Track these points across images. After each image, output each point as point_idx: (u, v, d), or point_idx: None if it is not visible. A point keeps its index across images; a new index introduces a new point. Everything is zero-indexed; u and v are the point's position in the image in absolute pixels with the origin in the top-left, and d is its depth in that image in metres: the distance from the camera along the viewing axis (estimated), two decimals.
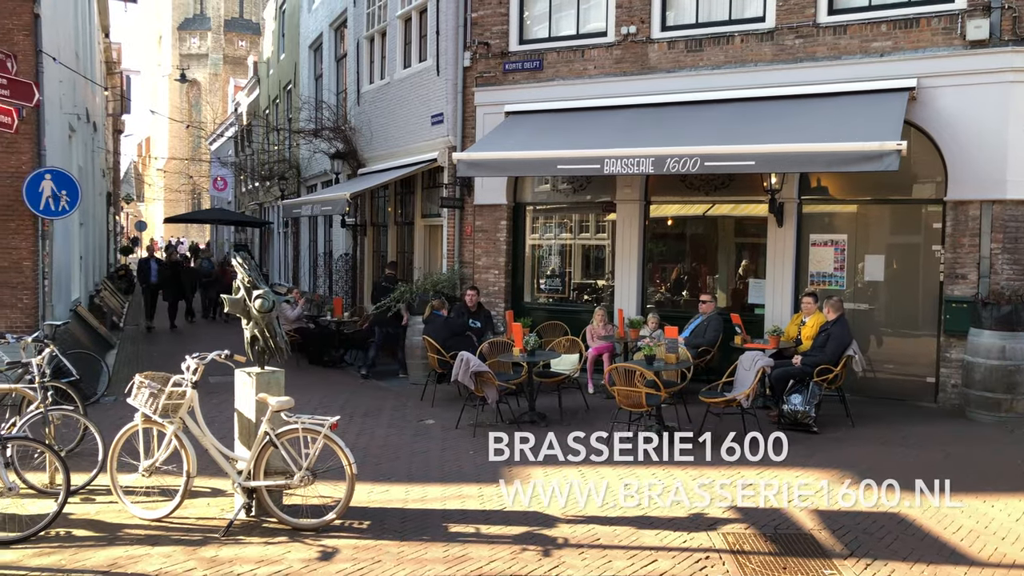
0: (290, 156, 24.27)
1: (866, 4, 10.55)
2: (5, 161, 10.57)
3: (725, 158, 9.63)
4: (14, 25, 10.48)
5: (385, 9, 16.33)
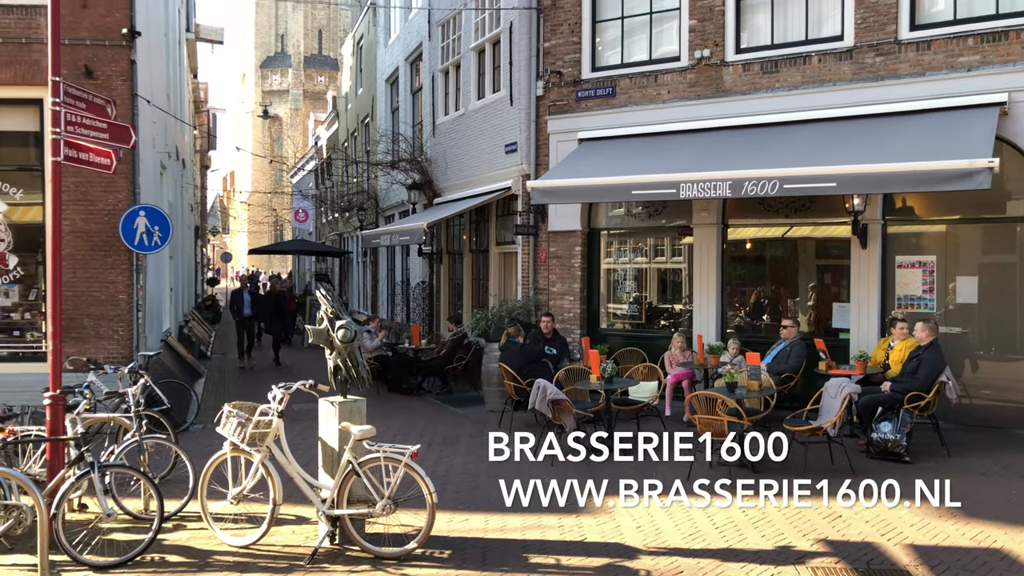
0: (368, 187, 24.84)
1: (951, 19, 10.24)
2: (103, 200, 11.15)
3: (805, 180, 9.43)
4: (112, 72, 11.12)
5: (459, 42, 16.65)
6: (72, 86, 7.25)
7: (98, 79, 10.98)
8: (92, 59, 11.06)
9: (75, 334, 10.94)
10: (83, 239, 11.10)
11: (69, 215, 10.63)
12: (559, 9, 13.30)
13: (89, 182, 10.87)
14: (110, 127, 7.43)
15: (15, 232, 11.30)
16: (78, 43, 10.85)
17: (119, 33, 11.08)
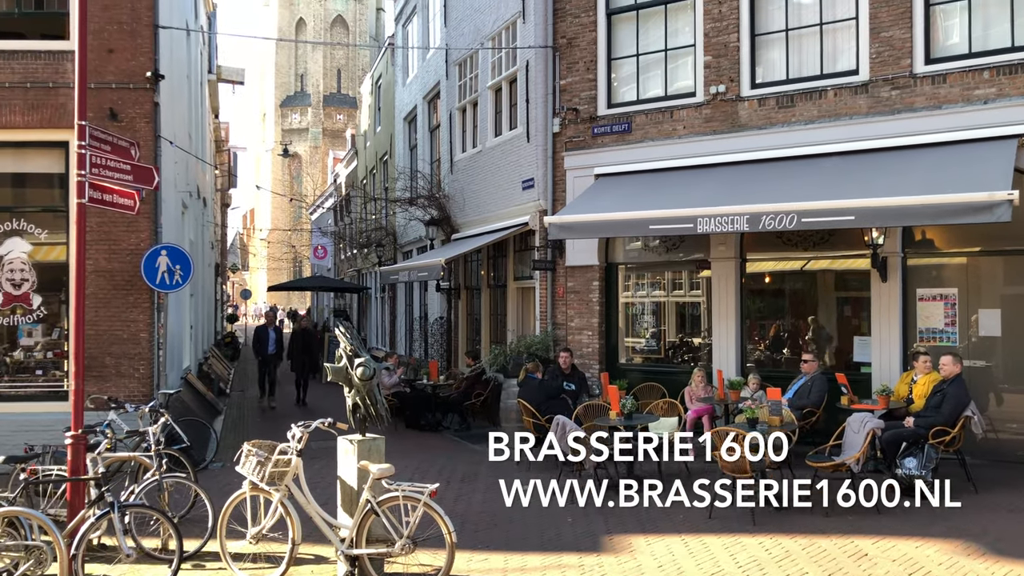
0: (387, 224, 25.03)
1: (966, 52, 10.25)
2: (126, 239, 11.31)
3: (823, 213, 9.41)
4: (136, 114, 11.34)
5: (476, 80, 16.86)
6: (97, 129, 7.40)
7: (122, 121, 11.20)
8: (117, 102, 11.29)
9: (97, 372, 11.03)
10: (106, 278, 11.24)
11: (92, 255, 10.79)
12: (575, 47, 13.46)
13: (112, 222, 11.04)
14: (134, 169, 7.56)
15: (39, 271, 11.47)
16: (104, 87, 11.09)
17: (143, 76, 11.32)
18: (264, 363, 18.17)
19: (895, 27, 10.60)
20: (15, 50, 11.19)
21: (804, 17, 11.54)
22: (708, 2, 12.11)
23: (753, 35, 11.85)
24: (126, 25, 11.31)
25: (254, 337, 18.77)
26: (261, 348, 18.29)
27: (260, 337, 18.50)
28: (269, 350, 18.21)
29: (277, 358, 18.52)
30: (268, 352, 18.21)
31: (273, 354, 18.28)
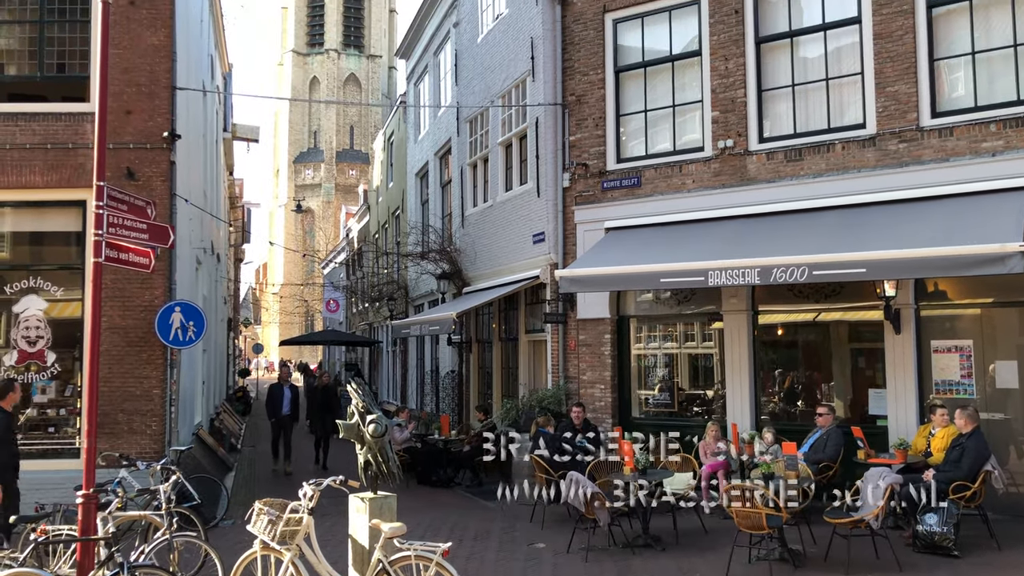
0: (398, 277, 25.16)
1: (972, 106, 10.36)
2: (140, 296, 11.40)
3: (834, 266, 9.41)
4: (153, 173, 11.54)
5: (487, 136, 17.10)
6: (115, 189, 7.53)
7: (139, 180, 11.39)
8: (134, 161, 11.50)
9: (109, 429, 11.02)
10: (120, 335, 11.30)
11: (107, 311, 10.86)
12: (584, 104, 13.67)
13: (127, 279, 11.14)
14: (150, 228, 7.67)
15: (53, 328, 11.55)
16: (121, 147, 11.31)
17: (160, 136, 11.54)
18: (279, 425, 16.60)
19: (900, 82, 10.73)
20: (36, 112, 11.45)
21: (810, 73, 11.70)
22: (715, 59, 12.31)
23: (760, 90, 12.01)
24: (144, 87, 11.57)
25: (267, 396, 17.13)
26: (275, 408, 16.66)
27: (274, 396, 16.81)
28: (284, 411, 16.63)
29: (293, 419, 16.89)
30: (283, 413, 16.61)
31: (288, 415, 16.69)
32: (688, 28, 12.80)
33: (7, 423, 8.52)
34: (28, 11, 11.69)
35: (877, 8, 10.95)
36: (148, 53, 11.59)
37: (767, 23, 12.04)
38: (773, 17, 12.02)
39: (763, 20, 12.05)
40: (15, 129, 11.32)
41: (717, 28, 12.31)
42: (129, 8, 11.49)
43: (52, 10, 11.65)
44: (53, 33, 11.65)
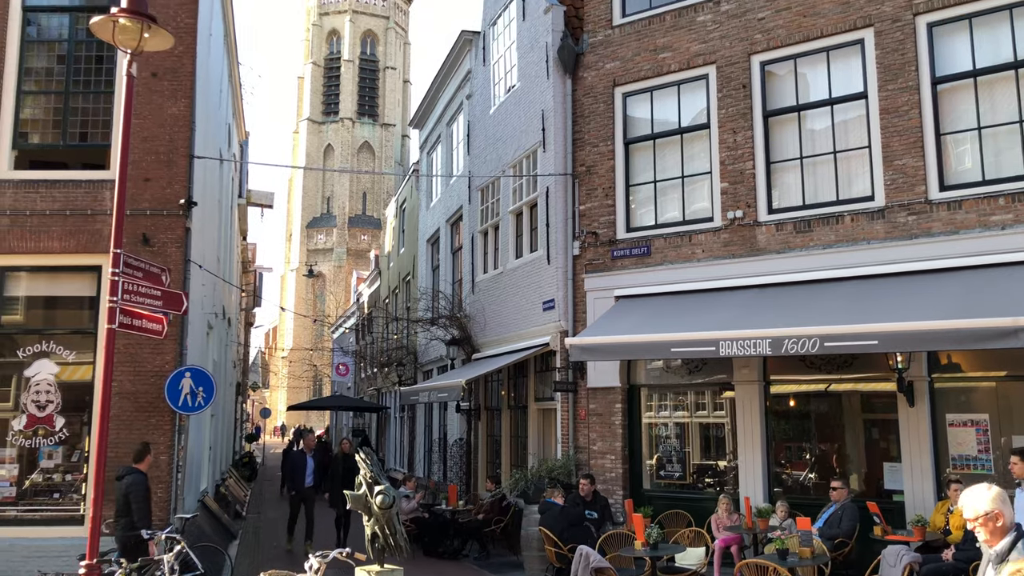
0: (408, 343, 25.16)
1: (979, 179, 10.45)
2: (151, 361, 11.41)
3: (846, 338, 9.38)
4: (168, 239, 11.67)
5: (498, 205, 17.30)
6: (131, 257, 7.62)
7: (154, 246, 11.52)
8: (150, 227, 11.64)
9: (114, 496, 10.90)
10: (129, 400, 11.28)
11: (118, 377, 10.87)
12: (593, 174, 13.86)
13: (139, 344, 11.17)
14: (164, 295, 7.74)
15: (63, 391, 11.54)
16: (139, 213, 11.47)
17: (177, 204, 11.70)
18: (300, 499, 14.61)
19: (908, 155, 10.86)
20: (58, 179, 11.66)
21: (818, 145, 11.86)
22: (723, 132, 12.51)
23: (768, 162, 12.17)
24: (163, 155, 11.79)
25: (288, 464, 15.14)
26: (296, 479, 14.63)
27: (295, 466, 14.80)
28: (307, 483, 14.60)
29: (316, 491, 14.91)
30: (305, 485, 14.60)
31: (311, 487, 14.71)
32: (696, 101, 13.04)
33: (145, 484, 9.22)
34: (55, 82, 12.02)
35: (883, 84, 11.16)
36: (168, 123, 11.86)
37: (774, 97, 12.26)
38: (780, 91, 12.25)
39: (770, 94, 12.28)
40: (36, 196, 11.52)
41: (725, 102, 12.54)
42: (151, 80, 11.79)
43: (78, 81, 11.97)
44: (77, 103, 11.94)
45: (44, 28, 12.27)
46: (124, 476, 9.26)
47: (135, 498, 8.96)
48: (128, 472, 9.30)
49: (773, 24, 12.22)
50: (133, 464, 9.49)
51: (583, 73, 14.21)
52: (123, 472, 9.39)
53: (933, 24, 10.98)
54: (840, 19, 11.64)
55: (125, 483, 9.13)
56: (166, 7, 11.93)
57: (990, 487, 3.96)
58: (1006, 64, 10.48)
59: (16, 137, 11.81)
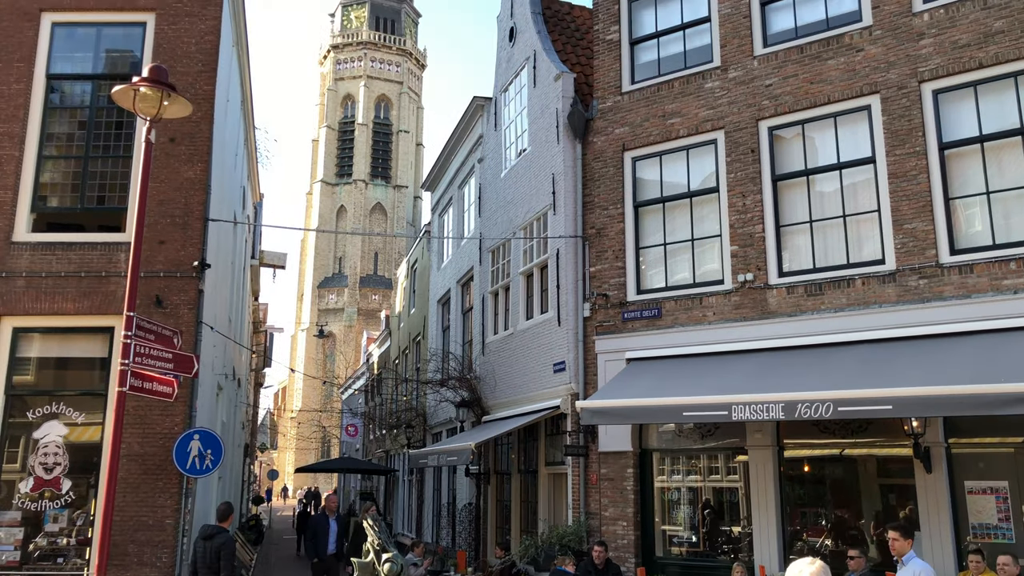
0: (417, 404, 25.03)
1: (990, 243, 10.45)
2: (160, 423, 11.37)
3: (859, 403, 9.27)
4: (181, 301, 11.75)
5: (508, 266, 17.39)
6: (143, 319, 7.68)
7: (167, 308, 11.59)
8: (163, 289, 11.73)
9: (118, 561, 10.77)
10: (137, 463, 11.21)
11: (126, 439, 10.82)
12: (603, 237, 13.94)
13: (148, 406, 11.14)
14: (175, 357, 7.76)
15: (71, 453, 11.48)
16: (152, 275, 11.57)
17: (191, 266, 11.81)
18: (323, 569, 13.68)
19: (917, 219, 10.89)
20: (74, 242, 11.81)
21: (827, 209, 11.92)
22: (732, 196, 12.61)
23: (778, 226, 12.22)
24: (178, 218, 11.95)
25: (310, 528, 14.26)
26: (320, 545, 13.70)
27: (319, 529, 13.91)
28: (330, 549, 13.67)
29: (338, 559, 13.93)
30: (328, 552, 13.70)
31: (334, 555, 13.81)
32: (705, 165, 13.18)
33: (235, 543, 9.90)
34: (75, 147, 12.27)
35: (891, 149, 11.27)
36: (184, 186, 12.05)
37: (783, 162, 12.39)
38: (789, 156, 12.37)
39: (779, 159, 12.41)
40: (52, 258, 11.66)
41: (734, 166, 12.66)
42: (169, 145, 12.03)
43: (97, 146, 12.22)
44: (96, 167, 12.17)
45: (67, 95, 12.59)
46: (214, 535, 9.78)
47: (226, 555, 9.55)
48: (217, 531, 9.81)
49: (780, 91, 12.41)
50: (218, 523, 10.00)
51: (593, 138, 14.41)
52: (212, 531, 9.87)
53: (938, 91, 11.14)
54: (846, 86, 11.82)
55: (217, 542, 9.69)
56: (185, 75, 12.25)
57: (813, 562, 3.72)
58: (1012, 130, 10.58)
59: (35, 200, 12.02)
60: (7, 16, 12.36)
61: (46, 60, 12.38)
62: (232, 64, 15.36)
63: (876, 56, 11.65)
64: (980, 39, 10.87)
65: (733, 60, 13.04)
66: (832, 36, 12.15)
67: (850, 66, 11.85)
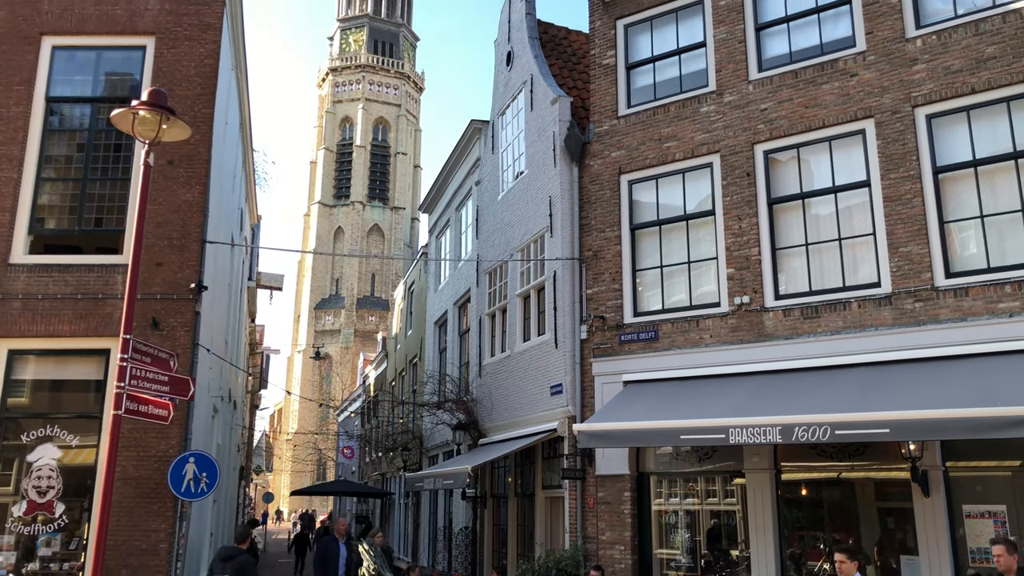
0: (414, 427, 24.94)
1: (985, 266, 10.50)
2: (155, 446, 11.30)
3: (857, 426, 9.26)
4: (177, 323, 11.71)
5: (506, 288, 17.41)
6: (140, 342, 7.67)
7: (163, 330, 11.56)
8: (160, 311, 11.69)
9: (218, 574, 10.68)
10: (131, 486, 11.13)
11: (121, 462, 10.74)
12: (600, 259, 13.97)
13: (144, 428, 11.08)
14: (171, 380, 7.75)
15: (65, 476, 11.38)
16: (149, 297, 11.55)
17: (187, 288, 11.79)
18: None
19: (912, 242, 10.94)
20: (71, 264, 11.78)
21: (823, 232, 11.97)
22: (728, 219, 12.66)
23: (774, 248, 12.26)
24: (176, 240, 11.94)
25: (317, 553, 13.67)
26: (328, 571, 13.08)
27: (327, 555, 13.27)
28: (340, 574, 13.13)
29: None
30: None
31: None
32: (701, 188, 13.24)
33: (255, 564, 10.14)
34: (73, 169, 12.28)
35: (885, 173, 11.34)
36: (182, 209, 12.06)
37: (778, 185, 12.45)
38: (784, 179, 12.44)
39: (774, 182, 12.47)
40: (48, 280, 11.64)
41: (730, 190, 12.73)
42: (167, 167, 12.06)
43: (95, 168, 12.23)
44: (94, 190, 12.17)
45: (66, 117, 12.63)
46: (233, 556, 10.02)
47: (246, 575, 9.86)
48: (237, 553, 10.05)
49: (775, 115, 12.50)
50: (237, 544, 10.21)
51: (589, 161, 14.48)
52: (231, 553, 10.06)
53: (932, 116, 11.23)
54: (841, 111, 11.92)
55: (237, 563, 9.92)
56: (184, 98, 12.31)
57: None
58: (1006, 155, 10.66)
59: (33, 222, 12.01)
60: (8, 40, 12.44)
61: (46, 83, 12.44)
62: (231, 87, 15.45)
63: (870, 81, 11.75)
64: (972, 65, 10.98)
65: (728, 84, 13.15)
66: (826, 61, 12.27)
67: (844, 91, 11.96)
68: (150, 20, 12.66)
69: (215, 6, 12.84)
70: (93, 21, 12.61)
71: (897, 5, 11.79)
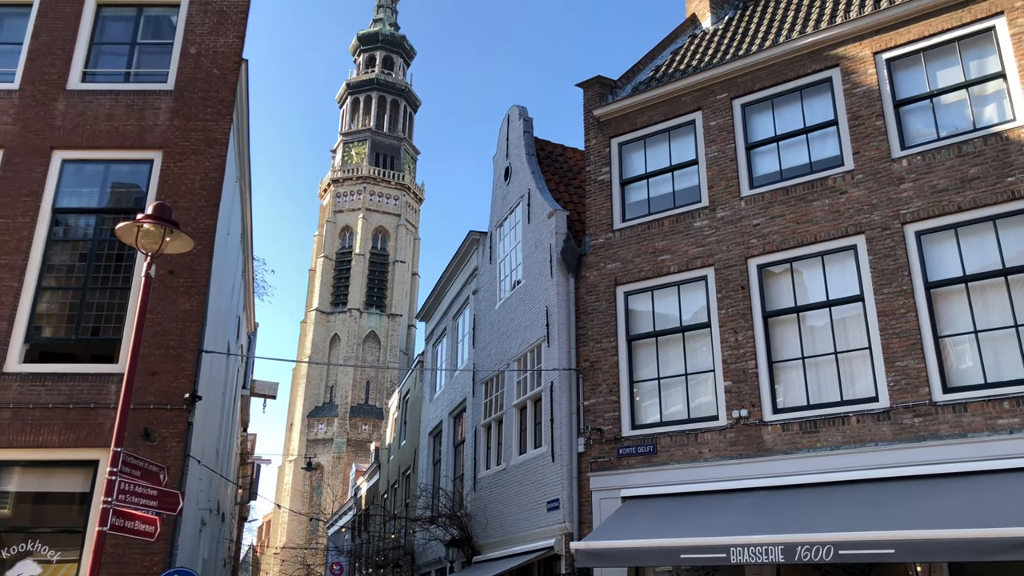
0: (405, 542, 24.21)
1: (982, 382, 10.48)
2: (139, 562, 10.89)
3: (861, 546, 9.01)
4: (169, 433, 11.50)
5: (502, 398, 17.27)
6: (130, 455, 7.54)
7: (154, 441, 11.35)
8: (152, 421, 11.50)
9: None
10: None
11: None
12: (597, 370, 13.93)
13: (127, 544, 10.71)
14: (159, 495, 7.58)
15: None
16: (142, 407, 11.38)
17: (181, 397, 11.65)
18: None
19: (908, 357, 10.96)
20: (65, 373, 11.67)
21: (819, 345, 11.99)
22: (724, 331, 12.71)
23: (771, 361, 12.26)
24: (172, 350, 11.88)
25: None
26: None
27: None
28: None
29: None
30: None
31: None
32: (697, 300, 13.35)
33: None
34: (74, 279, 12.33)
35: (878, 287, 11.47)
36: (180, 318, 12.05)
37: (773, 298, 12.56)
38: (778, 293, 12.56)
39: (768, 296, 12.59)
40: (41, 389, 11.52)
41: (725, 302, 12.83)
42: (168, 277, 12.14)
43: (96, 278, 12.29)
44: (93, 299, 12.19)
45: (71, 227, 12.78)
46: None
47: None
48: None
49: (768, 230, 12.75)
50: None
51: (586, 272, 14.65)
52: None
53: (921, 232, 11.46)
54: (832, 226, 12.16)
55: None
56: (188, 209, 12.52)
57: None
58: (995, 271, 10.82)
59: (30, 331, 11.98)
60: (20, 153, 12.74)
61: (53, 194, 12.63)
62: (234, 198, 15.77)
63: (859, 198, 12.05)
64: (957, 184, 11.28)
65: (721, 200, 13.46)
66: (816, 179, 12.60)
67: (835, 207, 12.24)
68: (159, 135, 13.02)
69: (222, 122, 13.23)
70: (104, 136, 12.96)
71: (882, 127, 12.22)
